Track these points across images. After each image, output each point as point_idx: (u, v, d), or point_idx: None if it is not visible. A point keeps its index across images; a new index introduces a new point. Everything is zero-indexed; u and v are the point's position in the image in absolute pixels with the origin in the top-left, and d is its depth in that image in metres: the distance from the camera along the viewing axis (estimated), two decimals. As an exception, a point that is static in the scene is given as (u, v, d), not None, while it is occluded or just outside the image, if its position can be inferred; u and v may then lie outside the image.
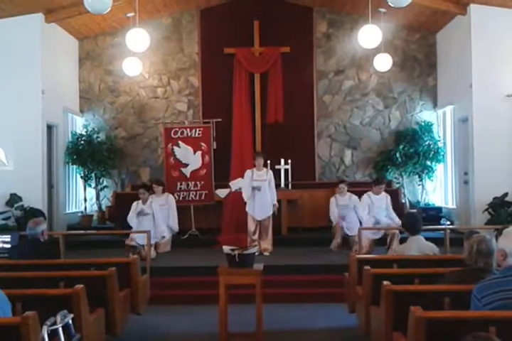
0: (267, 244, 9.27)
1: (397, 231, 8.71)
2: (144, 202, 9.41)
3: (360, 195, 9.75)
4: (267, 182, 9.25)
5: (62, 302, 4.26)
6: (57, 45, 11.35)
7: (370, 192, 9.43)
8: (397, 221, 9.11)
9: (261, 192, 9.17)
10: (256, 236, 9.23)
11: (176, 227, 9.88)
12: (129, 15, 10.49)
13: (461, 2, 10.22)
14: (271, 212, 9.29)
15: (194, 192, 10.74)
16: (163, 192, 9.99)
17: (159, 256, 9.13)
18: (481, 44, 10.16)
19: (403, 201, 11.29)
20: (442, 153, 11.74)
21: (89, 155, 11.58)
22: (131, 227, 9.30)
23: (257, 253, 8.28)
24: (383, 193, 9.46)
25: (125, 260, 6.09)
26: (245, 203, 9.35)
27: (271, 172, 9.45)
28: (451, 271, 4.46)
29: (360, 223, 9.35)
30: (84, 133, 11.98)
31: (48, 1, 10.11)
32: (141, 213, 9.33)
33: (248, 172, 9.35)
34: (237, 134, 11.58)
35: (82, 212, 11.94)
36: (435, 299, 4.13)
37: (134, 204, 9.47)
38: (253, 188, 9.19)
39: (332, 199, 9.73)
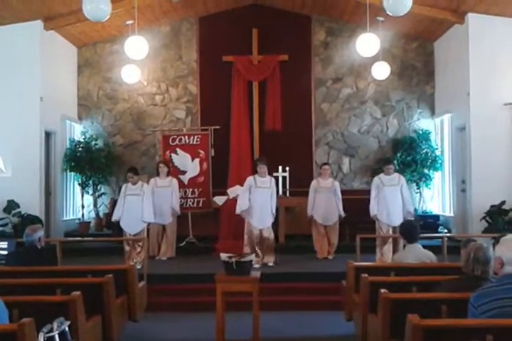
0: (269, 255, 8.99)
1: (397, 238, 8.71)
2: (134, 184, 9.23)
3: (357, 202, 9.78)
4: (270, 190, 8.97)
5: (59, 309, 4.25)
6: (56, 53, 11.38)
7: (381, 174, 9.39)
8: (410, 209, 9.15)
9: (262, 200, 8.93)
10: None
11: (177, 209, 9.82)
12: (127, 22, 10.49)
13: (459, 11, 10.27)
14: (271, 222, 9.02)
15: (192, 200, 10.73)
16: (168, 175, 9.94)
17: (156, 263, 9.10)
18: (478, 53, 10.21)
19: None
20: (440, 161, 11.76)
21: (87, 162, 11.58)
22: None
23: (258, 266, 8.27)
24: (395, 174, 9.34)
25: (122, 267, 6.09)
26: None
27: (274, 181, 9.16)
28: (448, 279, 4.46)
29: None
30: (82, 140, 11.99)
31: (47, 9, 10.14)
32: (129, 193, 9.19)
33: (250, 180, 8.99)
34: (235, 142, 11.61)
35: (79, 219, 11.93)
36: (432, 307, 4.12)
37: (123, 186, 9.35)
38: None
39: (313, 183, 9.82)
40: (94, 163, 11.61)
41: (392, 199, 9.11)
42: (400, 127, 12.33)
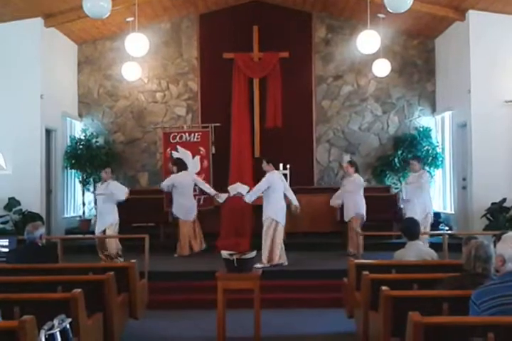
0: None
1: None
2: (103, 183, 9.34)
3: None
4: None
5: (60, 306, 4.25)
6: (57, 50, 11.36)
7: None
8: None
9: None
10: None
11: (213, 192, 9.96)
12: (128, 19, 10.50)
13: (459, 8, 10.25)
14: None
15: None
16: (178, 172, 9.96)
17: (157, 261, 9.08)
18: (479, 50, 10.19)
19: (401, 206, 11.27)
20: (441, 159, 11.75)
21: (88, 159, 11.57)
22: None
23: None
24: (421, 171, 9.50)
25: (123, 264, 6.09)
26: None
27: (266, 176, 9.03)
28: (449, 277, 4.46)
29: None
30: (82, 137, 11.98)
31: (48, 6, 10.13)
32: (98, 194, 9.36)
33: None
34: (235, 139, 11.57)
35: (80, 217, 11.93)
36: (434, 304, 4.12)
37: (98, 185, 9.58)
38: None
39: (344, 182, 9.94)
40: (94, 161, 11.59)
41: (409, 198, 9.33)
42: (401, 124, 12.32)
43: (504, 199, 9.77)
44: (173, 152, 10.94)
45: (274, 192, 8.70)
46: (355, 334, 5.93)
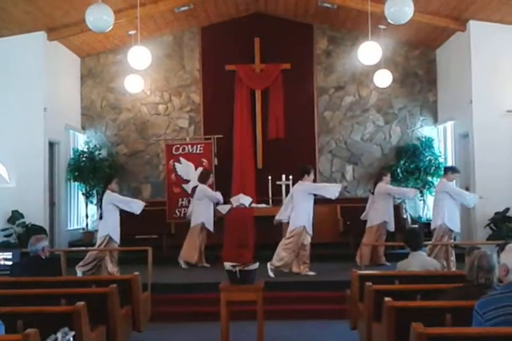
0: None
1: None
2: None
3: (361, 210, 9.78)
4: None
5: (64, 319, 4.25)
6: (60, 63, 11.44)
7: (444, 180, 9.18)
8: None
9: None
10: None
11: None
12: (130, 33, 10.59)
13: (460, 18, 10.30)
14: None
15: (195, 209, 10.71)
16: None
17: (160, 273, 9.07)
18: (480, 60, 10.23)
19: (405, 216, 11.28)
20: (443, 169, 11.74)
21: (91, 171, 11.59)
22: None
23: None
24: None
25: (126, 277, 6.09)
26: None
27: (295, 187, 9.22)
28: (452, 287, 4.45)
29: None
30: (85, 150, 12.01)
31: (51, 20, 10.21)
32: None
33: None
34: (238, 150, 11.61)
35: (83, 229, 11.93)
36: (437, 315, 4.11)
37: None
38: None
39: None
40: (97, 173, 11.61)
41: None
42: (403, 135, 12.33)
43: (507, 209, 9.76)
44: (175, 164, 10.98)
45: None
46: (359, 346, 5.92)
